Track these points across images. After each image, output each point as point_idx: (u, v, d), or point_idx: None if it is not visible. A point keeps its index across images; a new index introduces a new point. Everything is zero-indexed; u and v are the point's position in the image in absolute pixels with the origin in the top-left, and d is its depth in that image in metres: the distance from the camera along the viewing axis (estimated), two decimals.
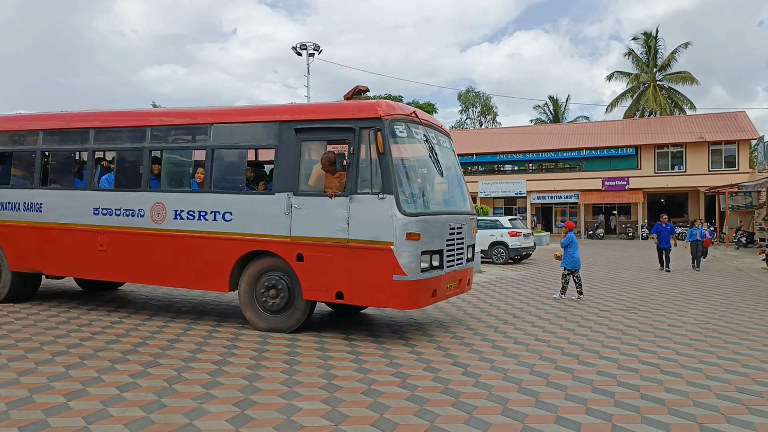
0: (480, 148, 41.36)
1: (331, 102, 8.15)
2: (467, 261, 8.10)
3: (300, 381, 5.44)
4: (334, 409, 4.69)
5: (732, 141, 34.87)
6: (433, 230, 7.06)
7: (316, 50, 30.20)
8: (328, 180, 7.25)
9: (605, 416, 4.58)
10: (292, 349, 6.68)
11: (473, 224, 8.36)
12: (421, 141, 7.57)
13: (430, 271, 7.01)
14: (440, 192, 7.99)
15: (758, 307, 10.09)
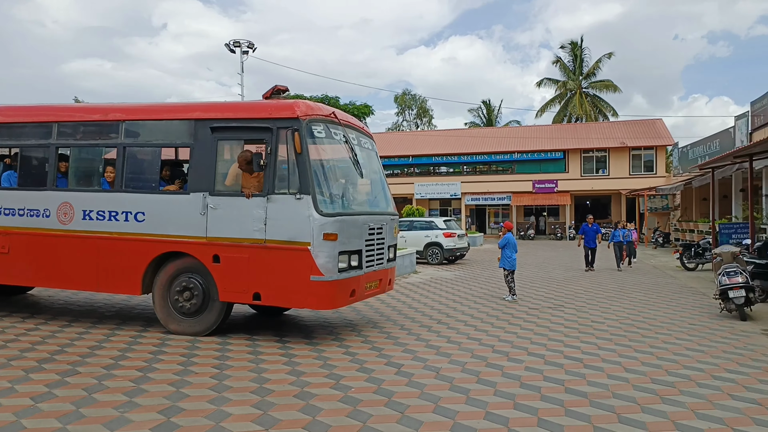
0: (416, 150, 41.89)
1: (249, 101, 8.03)
2: (388, 261, 8.17)
3: (230, 386, 5.31)
4: (265, 413, 4.60)
5: (650, 147, 36.99)
6: (351, 230, 7.09)
7: (251, 48, 29.64)
8: (245, 180, 7.17)
9: (532, 411, 4.74)
10: (223, 354, 6.51)
11: (395, 225, 8.44)
12: (340, 142, 7.59)
13: (349, 271, 7.04)
14: (360, 193, 8.02)
15: (672, 303, 10.73)
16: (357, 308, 9.90)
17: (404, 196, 41.46)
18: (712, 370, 6.01)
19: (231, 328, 7.96)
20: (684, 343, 7.32)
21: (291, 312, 9.32)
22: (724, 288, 9.06)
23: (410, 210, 27.62)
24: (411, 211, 27.31)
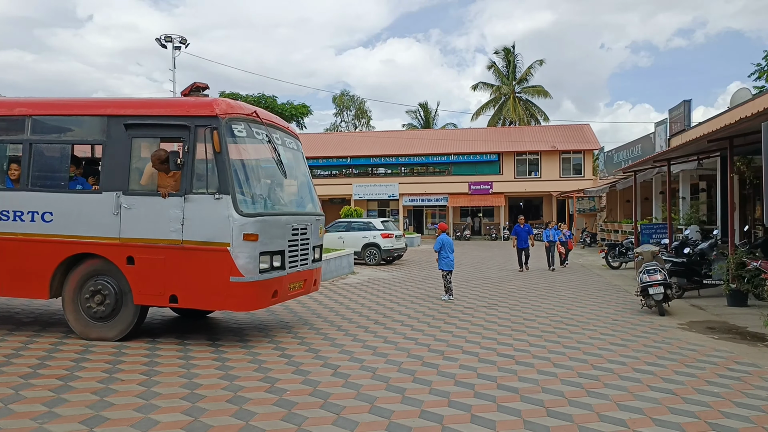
0: (354, 151, 41.92)
1: (166, 98, 7.82)
2: (313, 262, 8.14)
3: (159, 392, 5.12)
4: (195, 419, 4.47)
5: (579, 151, 38.65)
6: (273, 231, 7.02)
7: (183, 43, 28.72)
8: (161, 179, 6.98)
9: (465, 407, 4.83)
10: (151, 359, 6.28)
11: (320, 225, 8.43)
12: (263, 141, 7.50)
13: (271, 272, 6.97)
14: (283, 193, 7.95)
15: (598, 300, 11.24)
16: (293, 309, 9.79)
17: (342, 196, 41.40)
18: (634, 363, 6.33)
19: (161, 332, 7.70)
20: (608, 338, 7.68)
21: (225, 313, 9.10)
22: (644, 285, 9.57)
23: (348, 211, 27.62)
24: (349, 212, 27.31)
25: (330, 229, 20.88)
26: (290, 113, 59.01)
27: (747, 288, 9.94)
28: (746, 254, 10.15)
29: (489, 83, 53.12)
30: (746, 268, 9.88)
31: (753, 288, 9.84)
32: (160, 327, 8.19)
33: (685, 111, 20.50)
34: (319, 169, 43.49)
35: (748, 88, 19.30)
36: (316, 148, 43.15)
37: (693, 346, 7.16)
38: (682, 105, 20.72)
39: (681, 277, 11.30)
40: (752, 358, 6.53)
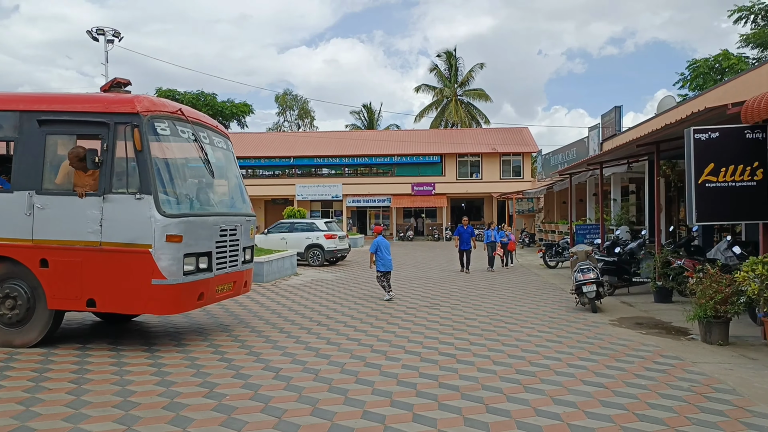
0: (298, 151, 41.52)
1: (84, 93, 7.57)
2: (243, 263, 8.04)
3: (90, 401, 4.91)
4: (129, 428, 4.32)
5: (518, 153, 39.75)
6: (199, 232, 6.89)
7: (117, 36, 27.64)
8: (79, 178, 6.75)
9: (407, 407, 4.88)
10: (82, 366, 6.01)
11: (251, 226, 8.33)
12: (189, 140, 7.35)
13: (196, 273, 6.83)
14: (211, 193, 7.79)
15: (535, 299, 11.60)
16: (233, 311, 9.61)
17: (285, 197, 40.93)
18: (568, 359, 6.58)
19: (92, 336, 7.38)
20: (545, 335, 7.94)
21: (160, 317, 8.82)
22: (578, 284, 9.96)
23: (291, 211, 27.30)
24: (292, 213, 27.00)
25: (273, 230, 20.61)
26: (231, 112, 57.85)
27: (672, 285, 10.51)
28: (671, 253, 10.74)
29: (432, 86, 53.84)
30: (671, 267, 10.46)
31: (677, 285, 10.43)
32: (90, 331, 7.85)
33: (616, 116, 21.47)
34: (262, 169, 42.84)
35: (673, 96, 20.41)
36: (258, 148, 42.48)
37: (623, 341, 7.51)
38: (614, 111, 21.70)
39: (612, 276, 11.82)
40: (676, 352, 6.91)
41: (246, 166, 42.04)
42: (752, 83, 11.34)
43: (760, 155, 7.47)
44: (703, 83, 27.92)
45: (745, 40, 28.15)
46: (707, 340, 7.30)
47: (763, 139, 7.45)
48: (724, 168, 7.52)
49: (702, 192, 7.60)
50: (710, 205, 7.61)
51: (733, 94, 11.52)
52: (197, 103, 55.68)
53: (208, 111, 55.56)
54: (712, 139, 7.55)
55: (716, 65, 28.29)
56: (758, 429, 4.35)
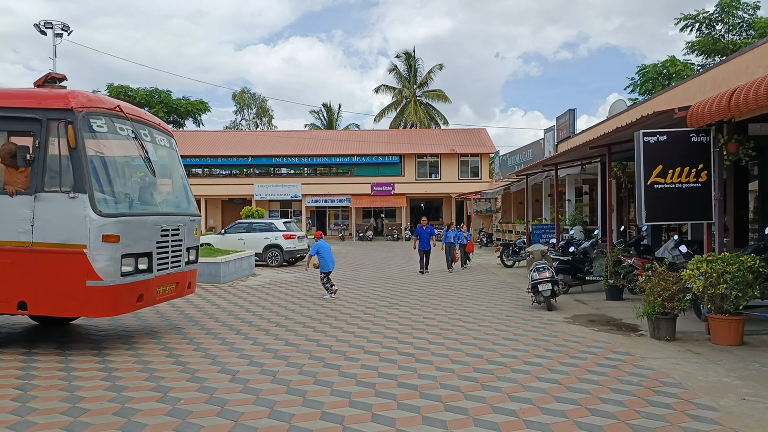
0: (256, 151, 40.98)
1: (16, 88, 7.38)
2: (187, 264, 7.94)
3: (36, 407, 4.72)
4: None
5: (476, 154, 40.33)
6: (138, 232, 6.76)
7: (65, 30, 26.65)
8: (9, 175, 6.55)
9: (366, 407, 4.88)
10: (27, 372, 5.78)
11: (195, 226, 8.23)
12: (128, 138, 7.20)
13: (135, 275, 6.71)
14: (152, 192, 7.66)
15: (493, 298, 11.78)
16: (188, 313, 9.41)
17: (243, 197, 40.33)
18: (524, 356, 6.70)
19: (39, 340, 7.10)
20: (502, 333, 8.07)
21: (111, 318, 8.56)
22: (534, 282, 10.16)
23: (249, 211, 26.91)
24: (250, 213, 26.62)
25: (230, 231, 20.29)
26: (186, 109, 56.74)
27: (622, 283, 10.85)
28: (622, 252, 11.09)
29: (391, 86, 54.02)
30: (622, 265, 10.80)
31: (627, 283, 10.77)
32: (37, 335, 7.55)
33: (570, 119, 22.02)
34: (219, 168, 42.10)
35: (624, 99, 21.10)
36: (215, 147, 41.73)
37: (576, 338, 7.70)
38: (568, 113, 22.25)
39: (566, 274, 12.12)
40: (626, 347, 7.14)
41: (203, 165, 41.25)
42: (697, 89, 11.83)
43: (705, 158, 7.79)
44: (652, 88, 28.99)
45: (691, 48, 29.35)
46: (655, 336, 7.56)
47: (707, 142, 7.77)
48: (672, 170, 7.81)
49: (651, 193, 7.88)
50: (658, 205, 7.90)
51: (680, 99, 11.98)
52: (151, 101, 54.43)
53: (163, 109, 54.39)
54: (660, 142, 7.84)
55: (664, 71, 29.41)
56: (701, 420, 4.53)
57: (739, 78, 9.82)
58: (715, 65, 11.95)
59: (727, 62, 11.16)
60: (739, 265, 6.91)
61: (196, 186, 39.79)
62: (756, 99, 6.06)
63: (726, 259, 7.03)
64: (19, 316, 8.00)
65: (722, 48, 27.83)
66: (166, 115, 55.00)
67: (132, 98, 54.21)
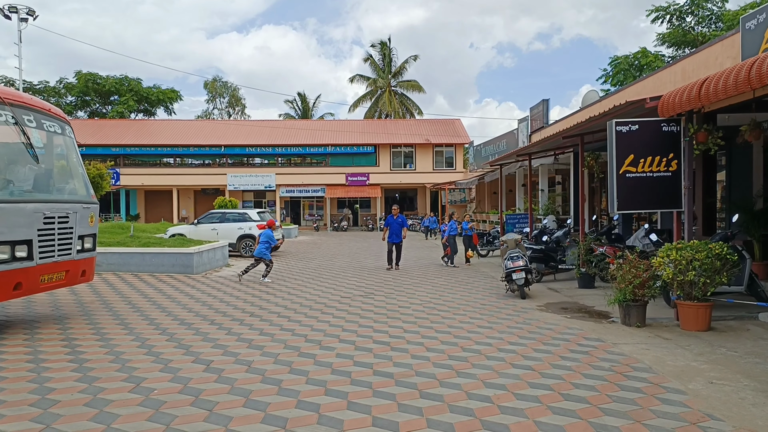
0: (229, 140, 40.41)
1: None
2: (81, 251, 7.88)
3: (4, 400, 4.60)
4: (47, 426, 4.07)
5: (450, 144, 40.46)
6: (12, 219, 6.66)
7: (31, 15, 25.86)
8: None
9: (341, 395, 4.88)
10: None
11: (90, 213, 8.14)
12: (6, 123, 7.04)
13: (11, 263, 6.60)
14: (34, 179, 7.54)
15: (468, 287, 11.87)
16: (161, 304, 9.26)
17: (216, 186, 39.82)
18: (499, 344, 6.78)
19: (6, 328, 6.91)
20: (476, 321, 8.14)
21: (73, 304, 8.38)
22: (508, 271, 10.27)
23: (223, 201, 26.60)
24: (224, 203, 26.32)
25: (203, 221, 20.02)
26: (157, 98, 55.69)
27: (594, 271, 11.04)
28: (594, 241, 11.27)
29: (366, 76, 53.78)
30: (594, 254, 10.98)
31: (599, 271, 10.96)
32: (9, 322, 7.35)
33: (543, 110, 22.24)
34: (191, 158, 41.44)
35: (596, 90, 21.38)
36: (187, 136, 41.03)
37: (549, 326, 7.81)
38: (541, 104, 22.46)
39: (540, 263, 12.28)
40: (598, 334, 7.27)
41: (174, 155, 40.55)
42: (668, 79, 12.04)
43: (675, 147, 7.94)
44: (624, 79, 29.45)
45: (662, 39, 29.87)
46: (626, 322, 7.72)
47: (677, 131, 7.92)
48: (643, 159, 7.94)
49: (623, 182, 8.00)
50: (630, 194, 8.03)
51: (651, 89, 12.19)
52: (121, 89, 53.34)
53: (133, 97, 53.32)
54: (632, 132, 7.96)
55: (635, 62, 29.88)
56: (670, 403, 4.64)
57: (708, 69, 10.03)
58: (685, 56, 12.18)
59: (697, 53, 11.38)
60: (707, 253, 7.07)
61: (168, 176, 39.23)
62: (725, 89, 6.18)
63: (695, 246, 7.19)
64: None
65: (692, 40, 28.38)
66: (136, 103, 53.94)
67: (101, 86, 53.01)
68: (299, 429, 4.11)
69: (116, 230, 19.65)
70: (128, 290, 10.81)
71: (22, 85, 30.70)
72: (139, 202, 41.96)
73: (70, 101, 55.44)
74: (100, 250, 13.64)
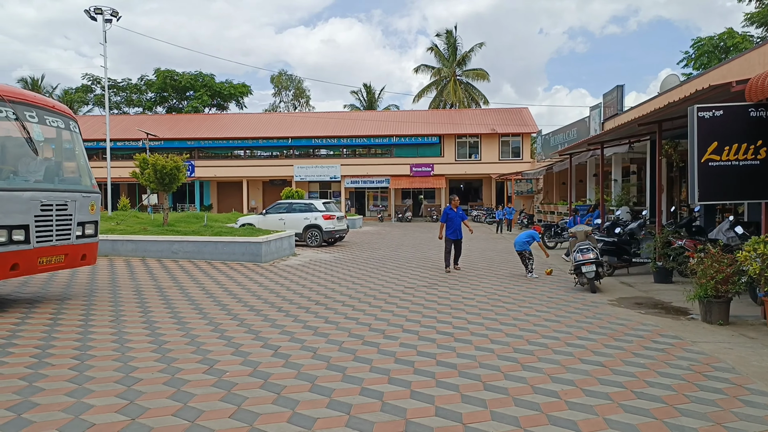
0: (296, 132, 41.29)
1: None
2: (81, 237, 8.37)
3: (92, 376, 4.92)
4: (131, 402, 4.32)
5: (517, 134, 39.57)
6: (8, 206, 7.20)
7: (115, 16, 27.28)
8: None
9: (405, 384, 4.89)
10: (84, 343, 6.02)
11: (90, 202, 8.62)
12: (6, 119, 7.58)
13: (9, 245, 7.18)
14: (31, 169, 8.03)
15: (533, 279, 11.59)
16: (232, 290, 9.60)
17: (283, 178, 40.80)
18: (567, 338, 6.59)
19: (92, 311, 7.38)
20: (543, 314, 7.95)
21: (153, 289, 8.82)
22: (578, 264, 9.95)
23: (289, 192, 27.24)
24: (290, 194, 26.95)
25: (271, 211, 20.57)
26: (229, 92, 57.55)
27: (672, 265, 10.51)
28: (672, 233, 10.72)
29: (430, 66, 53.33)
30: (672, 247, 10.45)
31: (677, 265, 10.43)
32: (94, 306, 7.85)
33: (618, 96, 21.30)
34: (260, 150, 42.62)
35: (677, 74, 20.24)
36: (256, 129, 42.23)
37: (622, 321, 7.52)
38: (616, 90, 21.52)
39: (612, 256, 11.82)
40: (675, 331, 6.93)
41: (244, 147, 41.85)
42: (756, 61, 11.23)
43: (764, 134, 7.40)
44: (708, 62, 27.74)
45: (750, 19, 27.88)
46: (707, 319, 7.31)
47: (766, 117, 7.38)
48: (728, 146, 7.46)
49: (705, 171, 7.55)
50: (713, 184, 7.57)
51: (737, 73, 11.40)
52: (196, 84, 55.51)
53: (207, 92, 55.35)
54: (715, 118, 7.48)
55: (721, 44, 28.07)
56: (754, 406, 4.36)
57: None
58: None
59: None
60: None
61: (239, 168, 40.56)
62: None
63: None
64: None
65: None
66: (210, 98, 56.04)
67: (178, 82, 55.40)
68: (363, 415, 4.16)
69: (191, 220, 20.55)
70: (203, 277, 11.29)
71: (107, 83, 32.52)
72: (212, 193, 43.66)
73: (150, 97, 58.30)
74: (177, 239, 14.33)
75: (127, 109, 58.28)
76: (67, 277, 10.83)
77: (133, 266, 12.62)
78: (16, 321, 7.05)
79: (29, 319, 7.15)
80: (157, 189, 18.11)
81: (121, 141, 40.05)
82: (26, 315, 7.42)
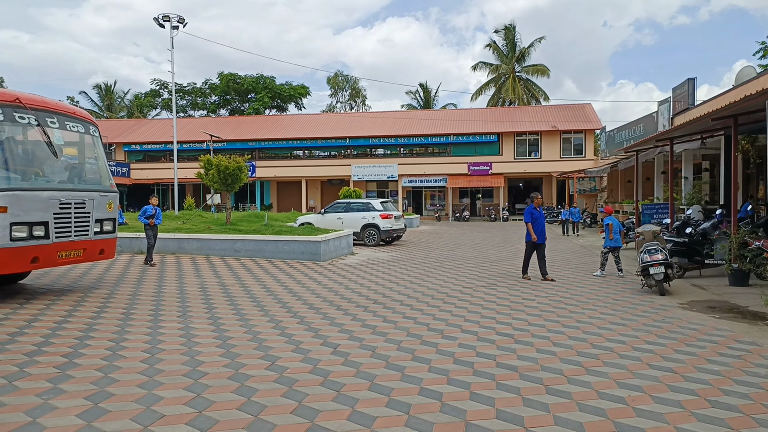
0: (353, 132, 41.70)
1: None
2: (98, 233, 8.87)
3: (162, 369, 5.14)
4: (198, 395, 4.49)
5: (580, 130, 38.44)
6: (28, 204, 7.73)
7: (181, 23, 28.43)
8: None
9: (464, 385, 4.84)
10: (154, 337, 6.30)
11: (107, 201, 9.11)
12: (28, 124, 8.15)
13: (29, 240, 7.73)
14: (51, 170, 8.63)
15: (597, 280, 11.23)
16: (293, 289, 9.80)
17: (341, 177, 41.29)
18: (633, 342, 6.34)
19: (161, 308, 7.71)
20: (608, 317, 7.69)
21: (217, 287, 9.11)
22: (645, 265, 9.56)
23: (347, 192, 27.55)
24: (348, 193, 27.25)
25: (329, 210, 20.86)
26: (289, 94, 58.80)
27: (749, 267, 9.93)
28: (749, 234, 10.13)
29: (488, 63, 52.65)
30: (748, 248, 9.87)
31: (755, 267, 9.83)
32: (163, 304, 8.21)
33: (689, 89, 20.32)
34: (318, 150, 43.31)
35: (753, 66, 19.09)
36: (315, 129, 42.94)
37: (693, 325, 7.17)
38: (686, 83, 20.54)
39: (682, 257, 11.29)
40: (752, 337, 6.54)
41: (303, 148, 42.63)
42: None
43: None
44: None
45: None
46: None
47: None
48: None
49: None
50: None
51: None
52: (257, 87, 57.06)
53: (268, 94, 56.78)
54: None
55: None
56: None
57: None
58: None
59: None
60: None
61: (298, 168, 41.36)
62: None
63: None
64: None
65: None
66: (270, 100, 57.47)
67: (240, 85, 57.15)
68: (422, 415, 4.15)
69: (252, 219, 21.14)
70: (264, 275, 11.58)
71: (174, 87, 33.91)
72: (272, 193, 44.74)
73: (214, 100, 60.37)
74: (239, 238, 14.76)
75: (192, 112, 60.64)
76: (138, 274, 11.36)
77: (198, 264, 13.10)
78: (92, 315, 7.45)
79: (104, 314, 7.54)
80: (220, 189, 18.76)
81: (186, 143, 41.64)
82: (101, 309, 7.83)
